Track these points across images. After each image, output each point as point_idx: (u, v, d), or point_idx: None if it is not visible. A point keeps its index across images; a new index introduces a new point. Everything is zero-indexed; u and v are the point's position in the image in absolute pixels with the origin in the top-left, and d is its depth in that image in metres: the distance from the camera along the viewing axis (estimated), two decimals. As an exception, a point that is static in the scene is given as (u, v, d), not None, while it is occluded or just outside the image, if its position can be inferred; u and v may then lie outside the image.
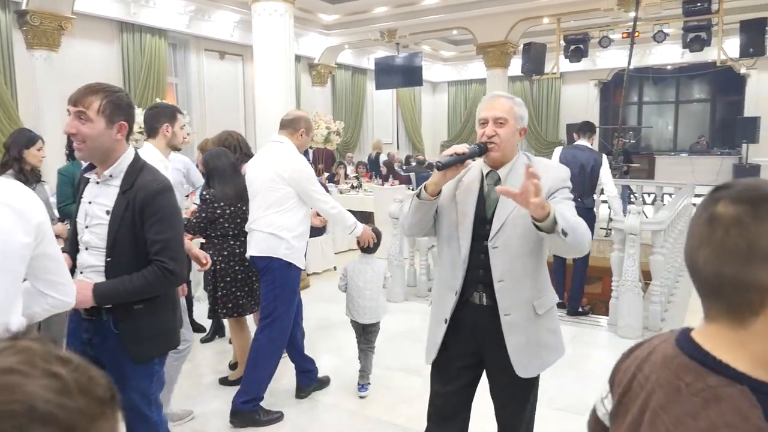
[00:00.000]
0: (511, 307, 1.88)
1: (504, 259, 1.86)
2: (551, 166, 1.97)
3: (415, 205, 1.90)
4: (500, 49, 10.70)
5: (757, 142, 13.18)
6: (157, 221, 1.86)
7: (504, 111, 1.87)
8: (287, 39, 5.59)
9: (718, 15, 8.94)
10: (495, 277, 1.87)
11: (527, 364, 1.91)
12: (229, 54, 11.05)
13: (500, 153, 1.88)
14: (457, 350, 1.99)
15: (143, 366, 1.93)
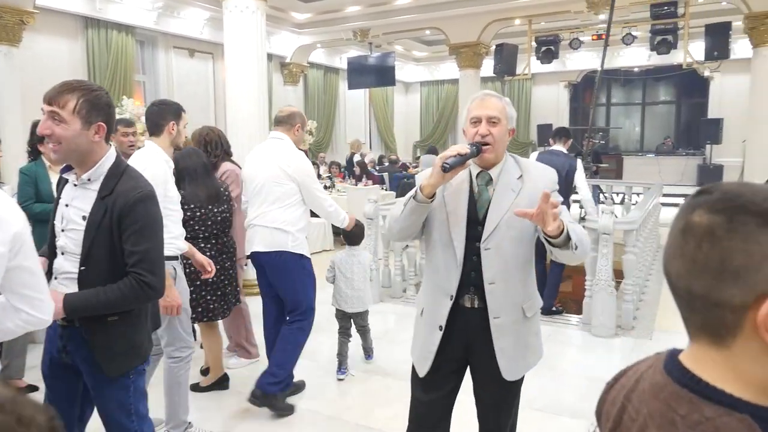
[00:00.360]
0: (500, 310, 1.85)
1: (496, 261, 1.84)
2: (542, 170, 1.94)
3: (410, 207, 1.83)
4: (473, 50, 10.75)
5: (720, 143, 13.55)
6: (136, 231, 1.76)
7: (497, 110, 1.85)
8: (259, 37, 5.49)
9: (684, 19, 9.14)
10: (486, 279, 1.84)
11: (514, 366, 1.89)
12: (199, 52, 10.85)
13: (494, 153, 1.84)
14: (446, 357, 1.94)
15: (118, 378, 1.85)
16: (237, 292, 3.47)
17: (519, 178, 1.87)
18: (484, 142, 1.81)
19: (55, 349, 1.86)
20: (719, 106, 14.22)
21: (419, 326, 2.02)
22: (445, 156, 1.72)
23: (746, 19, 8.45)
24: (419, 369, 1.97)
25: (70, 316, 1.72)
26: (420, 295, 2.08)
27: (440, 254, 1.90)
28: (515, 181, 1.86)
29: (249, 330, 3.89)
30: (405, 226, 1.89)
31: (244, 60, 5.42)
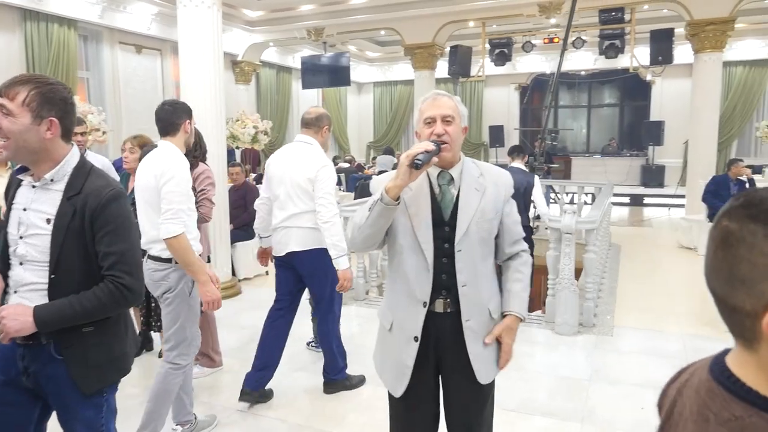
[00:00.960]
0: (471, 312, 1.82)
1: (468, 263, 1.81)
2: (498, 172, 1.94)
3: (377, 212, 1.73)
4: (428, 51, 10.81)
5: (661, 144, 14.14)
6: (111, 231, 1.63)
7: (450, 109, 1.82)
8: (215, 33, 5.31)
9: (631, 25, 9.48)
10: (459, 282, 1.80)
11: (487, 369, 1.86)
12: (147, 48, 10.45)
13: (451, 152, 1.81)
14: (423, 369, 1.85)
15: (92, 396, 1.70)
16: (201, 299, 3.32)
17: (480, 176, 1.87)
18: (441, 140, 1.78)
19: (12, 371, 1.67)
20: (660, 109, 14.84)
21: (388, 342, 1.90)
22: (413, 154, 1.67)
23: (688, 26, 8.85)
24: (395, 389, 1.86)
25: (42, 330, 1.57)
26: (384, 307, 1.95)
27: (408, 260, 1.82)
28: (477, 180, 1.86)
29: (214, 337, 3.75)
30: (371, 233, 1.79)
31: (199, 57, 5.23)
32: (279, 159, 3.27)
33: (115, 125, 9.48)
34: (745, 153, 13.86)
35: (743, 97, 13.93)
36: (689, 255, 7.50)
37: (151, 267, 2.67)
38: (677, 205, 11.39)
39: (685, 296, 5.60)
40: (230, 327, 4.70)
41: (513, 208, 1.94)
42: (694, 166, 9.06)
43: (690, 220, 7.94)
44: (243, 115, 8.85)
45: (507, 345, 1.87)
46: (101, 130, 6.19)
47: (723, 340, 3.47)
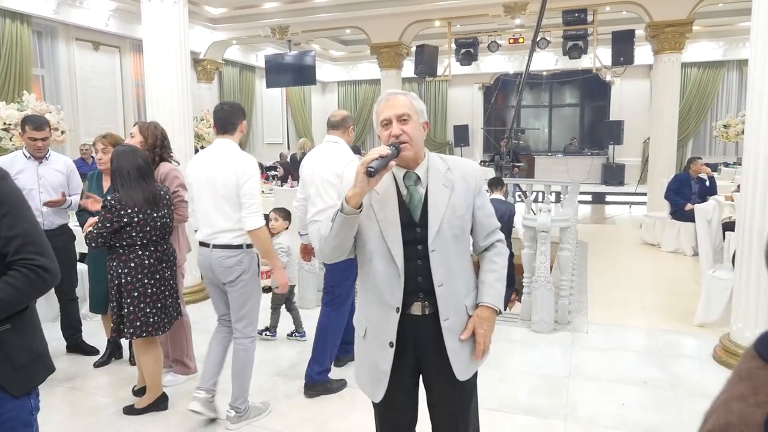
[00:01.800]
0: (448, 311, 1.79)
1: (442, 262, 1.77)
2: (466, 165, 1.90)
3: (339, 222, 1.70)
4: (394, 50, 10.78)
5: (621, 143, 14.50)
6: (7, 213, 1.47)
7: (405, 107, 1.76)
8: (181, 30, 5.14)
9: (593, 26, 9.67)
10: (436, 282, 1.76)
11: (465, 365, 1.83)
12: (105, 45, 10.10)
13: (413, 151, 1.76)
14: (401, 374, 1.83)
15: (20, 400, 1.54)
16: (178, 304, 3.19)
17: (447, 171, 1.82)
18: (400, 141, 1.73)
19: None
20: (619, 109, 15.22)
21: (363, 349, 1.88)
22: (367, 161, 1.62)
23: (648, 28, 9.08)
24: (373, 395, 1.85)
25: None
26: (358, 314, 1.92)
27: (378, 266, 1.78)
28: (445, 176, 1.81)
29: (189, 343, 3.61)
30: (336, 244, 1.77)
31: (164, 55, 5.05)
32: (309, 160, 3.48)
33: (72, 124, 9.12)
34: (701, 151, 14.33)
35: (698, 98, 14.42)
36: (653, 251, 7.69)
37: (222, 255, 2.91)
38: (638, 202, 11.69)
39: (653, 292, 5.73)
40: (202, 332, 4.53)
41: (485, 200, 1.89)
42: (654, 164, 9.30)
43: (653, 217, 8.14)
44: (207, 114, 8.64)
45: (480, 335, 1.82)
46: (60, 130, 5.92)
47: (693, 334, 3.56)
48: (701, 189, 7.47)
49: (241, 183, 2.83)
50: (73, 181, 3.94)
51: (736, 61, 13.93)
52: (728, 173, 10.93)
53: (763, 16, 3.47)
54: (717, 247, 4.85)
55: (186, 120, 5.23)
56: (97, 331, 4.25)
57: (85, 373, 3.74)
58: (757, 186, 3.56)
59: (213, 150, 2.97)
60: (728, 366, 3.71)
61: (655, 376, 3.67)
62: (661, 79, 9.08)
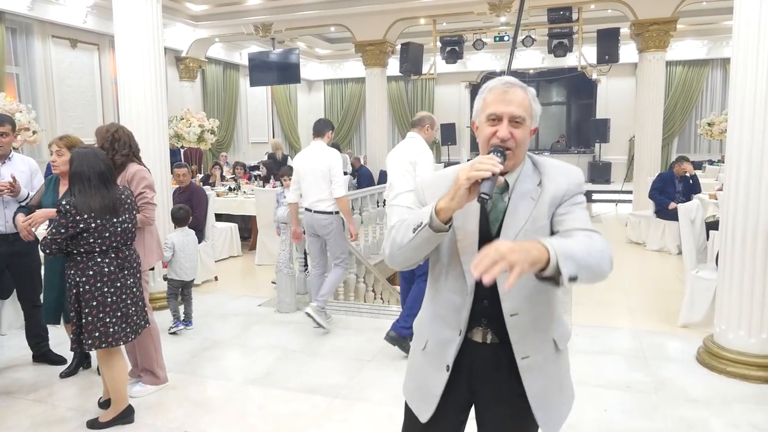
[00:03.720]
0: (529, 347, 1.51)
1: (517, 286, 1.36)
2: (563, 169, 1.56)
3: (423, 237, 1.43)
4: (379, 48, 10.67)
5: (607, 141, 14.49)
6: None
7: (523, 108, 1.47)
8: (155, 26, 4.98)
9: (578, 24, 9.61)
10: (506, 310, 1.49)
11: (554, 417, 1.56)
12: (83, 42, 9.89)
13: (513, 160, 1.48)
14: (451, 400, 1.61)
15: None
16: (144, 313, 3.06)
17: (539, 184, 1.51)
18: (505, 146, 1.45)
19: None
20: (606, 107, 15.21)
21: (418, 362, 1.67)
22: (476, 176, 1.33)
23: (633, 26, 9.04)
24: (420, 413, 1.63)
25: None
26: (419, 324, 1.71)
27: (448, 280, 1.56)
28: (534, 188, 1.51)
29: (158, 351, 3.47)
30: (412, 256, 1.51)
31: (138, 52, 4.90)
32: (391, 154, 4.37)
33: (48, 124, 8.92)
34: (686, 149, 14.37)
35: (683, 96, 14.45)
36: (638, 250, 7.65)
37: (319, 217, 4.47)
38: (624, 200, 11.68)
39: (638, 292, 5.67)
40: (176, 338, 4.42)
41: (575, 209, 1.49)
42: (640, 163, 9.27)
43: (638, 215, 8.10)
44: (188, 113, 8.47)
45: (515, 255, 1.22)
46: (31, 130, 5.74)
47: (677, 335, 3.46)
48: (685, 187, 7.44)
49: (331, 168, 4.42)
50: (35, 181, 3.81)
51: (720, 60, 13.97)
52: (713, 171, 10.94)
53: (745, 14, 3.40)
54: (701, 247, 4.80)
55: (161, 119, 5.08)
56: (65, 339, 4.10)
57: (50, 384, 3.59)
58: (739, 185, 3.49)
59: (311, 148, 4.58)
60: (711, 368, 3.65)
61: (639, 379, 3.60)
62: (645, 78, 9.04)
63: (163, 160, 5.09)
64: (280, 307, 5.04)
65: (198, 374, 3.76)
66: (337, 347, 4.22)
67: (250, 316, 4.95)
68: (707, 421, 3.07)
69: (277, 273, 5.05)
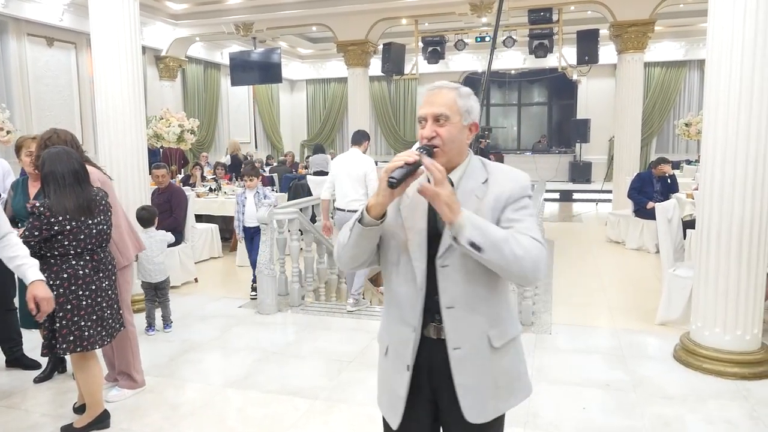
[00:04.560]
0: (462, 339, 1.55)
1: (455, 280, 1.51)
2: (510, 173, 1.61)
3: (357, 233, 1.51)
4: (361, 48, 10.65)
5: (588, 141, 14.63)
6: None
7: (445, 105, 1.54)
8: (131, 25, 4.91)
9: (558, 25, 9.69)
10: (443, 303, 1.53)
11: (480, 407, 1.57)
12: (59, 41, 9.72)
13: (445, 157, 1.53)
14: (418, 402, 1.63)
15: None
16: (120, 315, 3.01)
17: (485, 182, 1.56)
18: (431, 144, 1.52)
19: None
20: (586, 108, 15.36)
21: (383, 368, 1.70)
22: (390, 168, 1.42)
23: (612, 27, 9.14)
24: (391, 420, 1.65)
25: None
26: (381, 330, 1.73)
27: (400, 279, 1.59)
28: (480, 186, 1.55)
29: (136, 355, 3.42)
30: (354, 255, 1.57)
31: (114, 50, 4.82)
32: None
33: (23, 125, 8.75)
34: (664, 150, 14.57)
35: (661, 97, 14.65)
36: (618, 249, 7.73)
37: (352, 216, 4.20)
38: (604, 200, 11.80)
39: (617, 290, 5.73)
40: (155, 341, 4.36)
41: (521, 216, 1.50)
42: (619, 162, 9.37)
43: (617, 214, 8.19)
44: (167, 113, 8.37)
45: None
46: (5, 130, 5.63)
47: (655, 333, 3.51)
48: (663, 187, 7.54)
49: (367, 174, 4.93)
50: (9, 182, 3.73)
51: (697, 61, 14.18)
52: (690, 170, 11.11)
53: (719, 16, 3.45)
54: (678, 245, 4.86)
55: (138, 118, 5.00)
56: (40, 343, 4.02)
57: (24, 390, 3.52)
58: (714, 185, 3.54)
59: (349, 154, 5.12)
60: (688, 365, 3.70)
61: (618, 378, 3.63)
62: (624, 78, 9.14)
63: (140, 161, 5.03)
64: (261, 308, 5.00)
65: (176, 377, 3.71)
66: (317, 348, 4.20)
67: (230, 318, 4.91)
68: (683, 418, 3.11)
69: (258, 274, 5.01)
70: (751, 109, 3.36)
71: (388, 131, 17.09)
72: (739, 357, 3.52)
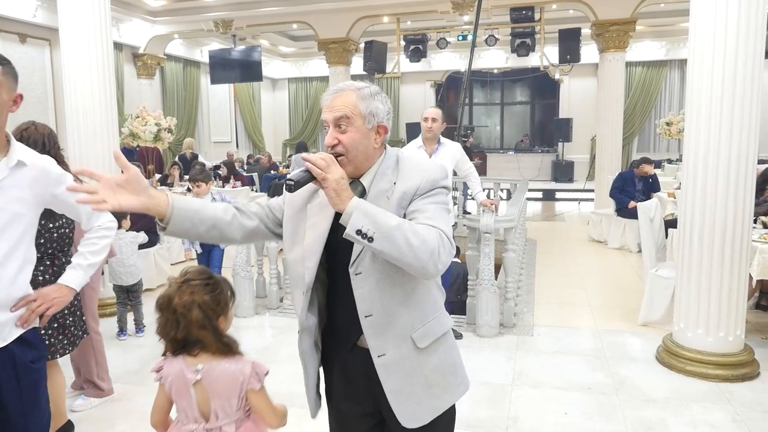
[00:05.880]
0: (385, 345, 1.47)
1: (370, 287, 1.43)
2: (422, 165, 1.51)
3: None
4: (342, 46, 10.54)
5: (570, 140, 14.69)
6: None
7: (345, 107, 1.43)
8: (101, 19, 4.76)
9: (540, 23, 9.68)
10: (361, 312, 1.44)
11: (413, 410, 1.51)
12: (32, 37, 9.48)
13: (351, 165, 1.44)
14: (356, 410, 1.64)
15: None
16: (83, 322, 2.87)
17: (396, 176, 1.48)
18: (335, 153, 1.42)
19: None
20: (568, 107, 15.42)
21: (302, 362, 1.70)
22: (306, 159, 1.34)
23: (593, 26, 9.14)
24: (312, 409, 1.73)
25: None
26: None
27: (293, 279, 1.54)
28: (390, 187, 1.46)
29: (101, 363, 3.28)
30: (206, 240, 1.57)
31: (83, 46, 4.67)
32: None
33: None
34: (645, 149, 14.67)
35: (643, 96, 14.75)
36: (600, 248, 7.72)
37: None
38: (586, 199, 11.82)
39: (599, 290, 5.69)
40: (126, 346, 4.22)
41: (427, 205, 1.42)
42: (601, 162, 9.37)
43: (599, 214, 8.18)
44: (143, 111, 8.19)
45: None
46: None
47: (637, 334, 3.43)
48: (645, 186, 7.54)
49: None
50: None
51: (677, 61, 14.31)
52: (672, 170, 11.16)
53: (701, 13, 3.41)
54: (660, 245, 4.83)
55: (110, 117, 4.85)
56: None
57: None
58: (696, 184, 3.50)
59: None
60: (671, 367, 3.66)
61: (600, 380, 3.58)
62: (606, 78, 9.15)
63: (112, 161, 4.86)
64: (238, 311, 4.88)
65: (147, 384, 3.57)
66: (295, 353, 4.05)
67: (206, 322, 4.77)
68: (666, 421, 3.06)
69: (234, 276, 4.89)
70: (733, 106, 3.32)
71: (371, 130, 16.98)
72: (722, 359, 3.48)
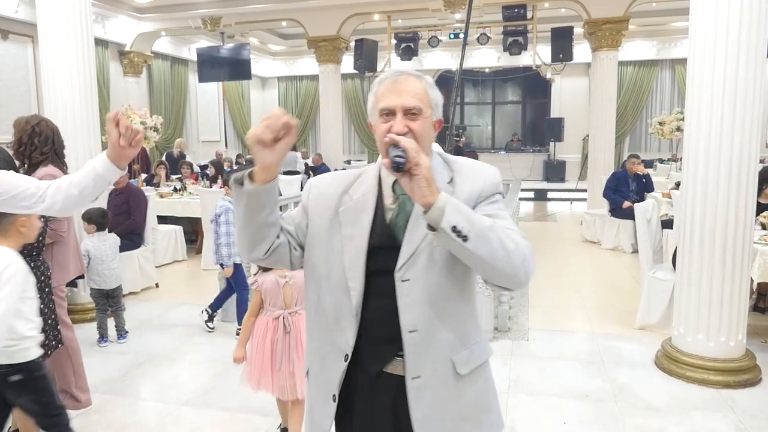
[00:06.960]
0: (422, 367, 1.29)
1: (419, 297, 1.27)
2: (479, 168, 1.38)
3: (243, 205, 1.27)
4: (332, 44, 10.40)
5: (562, 140, 14.63)
6: None
7: (417, 97, 1.29)
8: (82, 15, 4.59)
9: (532, 22, 9.59)
10: (404, 326, 1.27)
11: None
12: (15, 34, 9.26)
13: None
14: None
15: None
16: (56, 332, 2.72)
17: (450, 182, 1.33)
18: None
19: None
20: (560, 106, 15.36)
21: (309, 391, 1.46)
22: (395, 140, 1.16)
23: (586, 25, 9.06)
24: None
25: None
26: (307, 350, 1.48)
27: (326, 295, 1.35)
28: (444, 186, 1.29)
29: (78, 372, 3.12)
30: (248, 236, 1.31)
31: (63, 42, 4.50)
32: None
33: (-25, 121, 8.29)
34: (637, 148, 14.63)
35: (634, 95, 14.72)
36: (593, 248, 7.64)
37: None
38: (578, 198, 11.76)
39: (594, 292, 5.60)
40: (106, 353, 4.06)
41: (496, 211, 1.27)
42: (594, 161, 9.29)
43: (592, 214, 8.10)
44: (128, 110, 8.00)
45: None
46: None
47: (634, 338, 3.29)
48: (638, 186, 7.47)
49: None
50: None
51: (669, 60, 14.30)
52: (664, 169, 11.13)
53: (702, 13, 3.30)
54: (656, 247, 4.74)
55: (90, 114, 4.69)
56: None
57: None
58: (697, 184, 3.40)
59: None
60: (670, 373, 3.56)
61: (598, 386, 3.47)
62: (598, 77, 9.07)
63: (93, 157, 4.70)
64: (225, 315, 4.73)
65: (128, 394, 3.43)
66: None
67: (191, 327, 4.62)
68: (667, 430, 2.95)
69: (220, 280, 4.74)
70: (735, 103, 3.21)
71: (362, 129, 16.86)
72: (724, 364, 3.38)
